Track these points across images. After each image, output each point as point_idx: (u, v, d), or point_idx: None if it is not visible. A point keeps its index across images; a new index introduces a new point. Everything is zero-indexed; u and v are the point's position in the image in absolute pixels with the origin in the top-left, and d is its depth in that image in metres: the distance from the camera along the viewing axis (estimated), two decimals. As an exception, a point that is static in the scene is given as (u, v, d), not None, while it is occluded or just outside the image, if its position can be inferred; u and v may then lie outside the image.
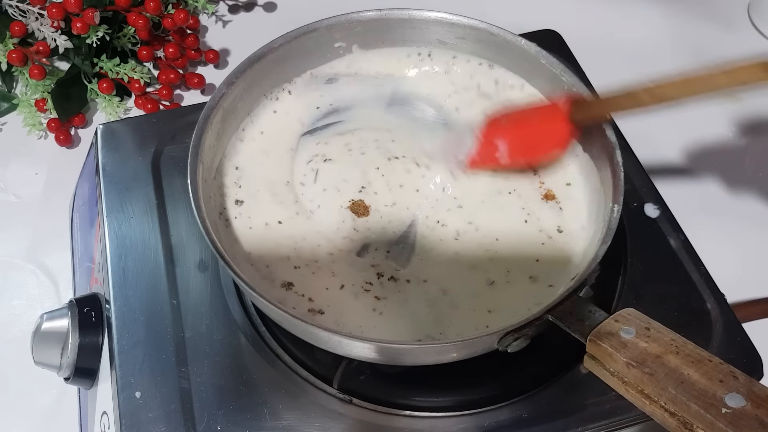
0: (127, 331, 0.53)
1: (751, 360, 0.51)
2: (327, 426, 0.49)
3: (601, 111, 0.50)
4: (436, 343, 0.46)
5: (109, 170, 0.62)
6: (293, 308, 0.49)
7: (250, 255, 0.51)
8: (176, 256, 0.57)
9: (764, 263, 0.71)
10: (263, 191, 0.55)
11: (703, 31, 0.89)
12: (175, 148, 0.63)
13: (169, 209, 0.59)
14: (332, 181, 0.55)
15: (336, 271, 0.51)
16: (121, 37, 0.83)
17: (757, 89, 0.43)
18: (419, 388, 0.52)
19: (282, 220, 0.53)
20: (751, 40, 0.89)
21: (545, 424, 0.50)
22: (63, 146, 0.80)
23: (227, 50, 0.88)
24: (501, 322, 0.48)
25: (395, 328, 0.48)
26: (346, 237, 0.53)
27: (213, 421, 0.49)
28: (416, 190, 0.55)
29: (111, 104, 0.81)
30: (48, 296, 0.70)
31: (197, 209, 0.47)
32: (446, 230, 0.53)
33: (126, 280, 0.55)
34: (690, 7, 0.92)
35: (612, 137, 0.50)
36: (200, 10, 0.89)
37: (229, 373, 0.51)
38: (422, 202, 0.54)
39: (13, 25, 0.77)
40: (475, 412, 0.50)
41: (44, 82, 0.80)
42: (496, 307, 0.49)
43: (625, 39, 0.89)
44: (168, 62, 0.83)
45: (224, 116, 0.54)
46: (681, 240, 0.57)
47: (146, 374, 0.51)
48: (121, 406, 0.50)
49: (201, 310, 0.54)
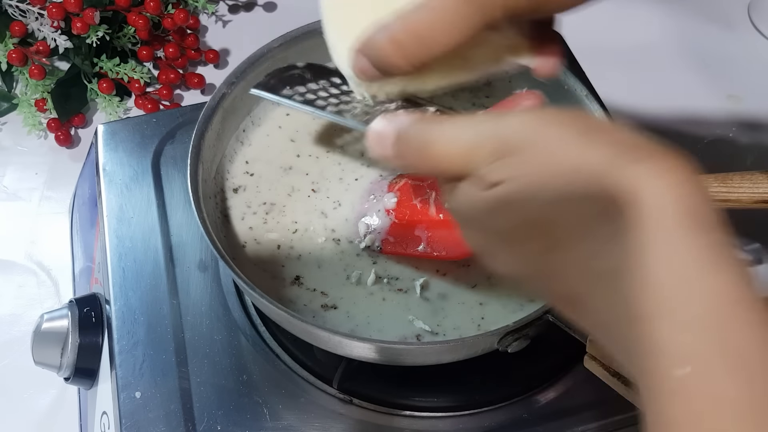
0: (127, 331, 0.53)
1: (751, 360, 0.51)
2: (327, 426, 0.49)
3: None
4: (436, 344, 0.46)
5: (109, 170, 0.62)
6: (304, 305, 0.49)
7: (252, 255, 0.51)
8: (176, 256, 0.57)
9: (764, 263, 0.70)
10: (264, 190, 0.55)
11: (704, 31, 0.89)
12: (175, 148, 0.63)
13: (169, 209, 0.59)
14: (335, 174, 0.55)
15: (344, 260, 0.51)
16: (121, 37, 0.83)
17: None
18: (419, 388, 0.52)
19: (283, 219, 0.53)
20: (751, 40, 0.89)
21: (545, 424, 0.50)
22: (63, 146, 0.80)
23: (227, 50, 0.88)
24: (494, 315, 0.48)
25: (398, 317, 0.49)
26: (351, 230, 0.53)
27: (213, 421, 0.49)
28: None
29: (111, 104, 0.81)
30: (48, 296, 0.70)
31: (197, 209, 0.47)
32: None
33: (126, 280, 0.55)
34: (690, 7, 0.92)
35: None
36: (200, 10, 0.89)
37: (229, 373, 0.51)
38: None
39: (13, 25, 0.77)
40: (475, 412, 0.50)
41: (44, 82, 0.80)
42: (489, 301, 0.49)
43: (625, 39, 0.89)
44: (168, 62, 0.83)
45: (224, 116, 0.54)
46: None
47: (146, 374, 0.51)
48: (121, 406, 0.50)
49: (201, 310, 0.54)
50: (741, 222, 0.26)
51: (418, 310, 0.49)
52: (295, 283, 0.50)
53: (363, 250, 0.52)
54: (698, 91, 0.84)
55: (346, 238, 0.52)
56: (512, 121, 0.30)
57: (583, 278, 0.28)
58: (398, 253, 0.51)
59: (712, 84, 0.84)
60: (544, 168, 0.28)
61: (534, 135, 0.29)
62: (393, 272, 0.51)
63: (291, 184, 0.55)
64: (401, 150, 0.33)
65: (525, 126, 0.29)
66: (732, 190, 0.51)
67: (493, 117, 0.31)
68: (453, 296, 0.50)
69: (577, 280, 0.29)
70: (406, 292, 0.50)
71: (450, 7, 0.33)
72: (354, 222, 0.53)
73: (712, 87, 0.84)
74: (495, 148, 0.29)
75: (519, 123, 0.30)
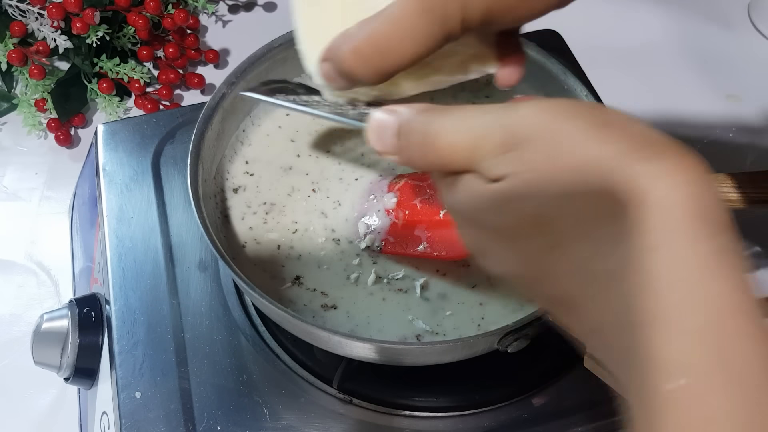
0: (127, 331, 0.53)
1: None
2: (327, 426, 0.49)
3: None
4: (436, 344, 0.46)
5: (109, 170, 0.62)
6: (304, 305, 0.49)
7: (252, 255, 0.51)
8: (176, 256, 0.57)
9: (764, 263, 0.71)
10: (264, 190, 0.55)
11: (704, 31, 0.89)
12: (175, 148, 0.63)
13: (169, 209, 0.59)
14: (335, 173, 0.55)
15: (344, 260, 0.51)
16: (121, 37, 0.83)
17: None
18: (419, 388, 0.52)
19: (283, 219, 0.53)
20: (752, 41, 0.89)
21: (545, 424, 0.50)
22: (63, 146, 0.80)
23: (227, 50, 0.88)
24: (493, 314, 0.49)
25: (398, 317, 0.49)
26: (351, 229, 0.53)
27: (213, 421, 0.49)
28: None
29: (111, 104, 0.81)
30: (48, 296, 0.70)
31: (197, 209, 0.47)
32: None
33: (126, 280, 0.55)
34: (690, 7, 0.92)
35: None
36: (200, 10, 0.89)
37: (229, 373, 0.51)
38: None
39: (13, 25, 0.77)
40: (475, 412, 0.50)
41: (44, 82, 0.80)
42: (489, 301, 0.49)
43: (625, 39, 0.89)
44: (168, 62, 0.83)
45: (224, 116, 0.54)
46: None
47: (146, 374, 0.51)
48: (121, 406, 0.50)
49: (201, 310, 0.54)
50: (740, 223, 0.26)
51: (418, 310, 0.49)
52: (295, 283, 0.50)
53: (363, 250, 0.52)
54: (698, 91, 0.84)
55: (346, 238, 0.52)
56: (522, 112, 0.28)
57: (580, 280, 0.28)
58: (398, 253, 0.51)
59: (712, 84, 0.84)
60: (551, 162, 0.27)
61: (543, 127, 0.27)
62: (393, 272, 0.51)
63: (291, 184, 0.55)
64: (403, 143, 0.32)
65: (534, 118, 0.28)
66: (732, 190, 0.51)
67: (501, 107, 0.29)
68: (453, 296, 0.50)
69: (573, 282, 0.28)
70: (406, 292, 0.50)
71: (410, 20, 0.32)
72: (354, 222, 0.53)
73: (712, 87, 0.84)
74: (502, 139, 0.28)
75: (528, 114, 0.28)
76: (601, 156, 0.26)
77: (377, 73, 0.33)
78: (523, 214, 0.29)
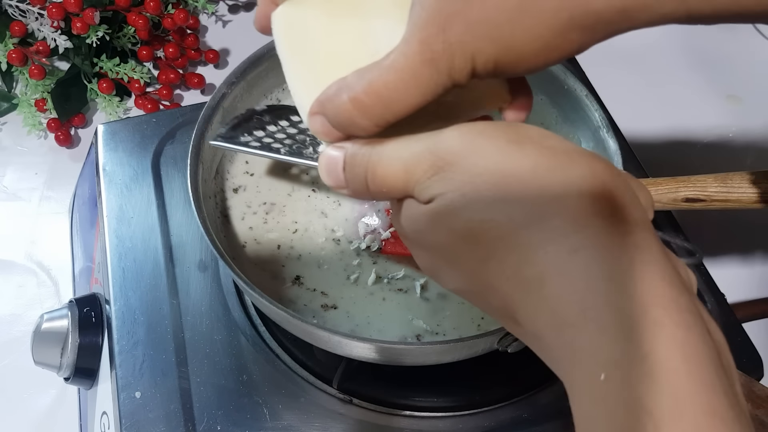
0: (127, 331, 0.53)
1: (751, 360, 0.51)
2: (327, 426, 0.49)
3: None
4: (436, 344, 0.46)
5: (109, 170, 0.62)
6: (304, 305, 0.49)
7: (252, 255, 0.51)
8: (176, 256, 0.57)
9: (764, 263, 0.71)
10: (264, 190, 0.55)
11: (704, 32, 0.89)
12: (175, 148, 0.63)
13: (169, 209, 0.59)
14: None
15: (344, 260, 0.51)
16: (121, 37, 0.83)
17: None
18: (419, 388, 0.52)
19: (283, 219, 0.53)
20: (751, 40, 0.89)
21: (545, 424, 0.50)
22: (63, 146, 0.80)
23: (227, 50, 0.88)
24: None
25: (398, 317, 0.49)
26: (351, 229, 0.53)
27: (213, 421, 0.49)
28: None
29: (111, 104, 0.81)
30: (48, 296, 0.70)
31: (197, 209, 0.47)
32: None
33: (126, 280, 0.55)
34: (690, 7, 0.92)
35: (613, 145, 0.50)
36: (200, 10, 0.89)
37: (229, 373, 0.51)
38: None
39: (13, 25, 0.77)
40: (475, 412, 0.50)
41: (44, 82, 0.80)
42: None
43: (625, 38, 0.88)
44: (168, 62, 0.83)
45: (224, 116, 0.54)
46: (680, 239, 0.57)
47: (146, 374, 0.51)
48: (121, 406, 0.50)
49: (201, 310, 0.54)
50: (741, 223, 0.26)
51: (418, 310, 0.49)
52: (295, 283, 0.50)
53: (363, 250, 0.52)
54: (698, 91, 0.84)
55: (346, 238, 0.52)
56: (445, 135, 0.31)
57: (516, 288, 0.29)
58: (398, 253, 0.51)
59: (712, 84, 0.84)
60: (473, 181, 0.29)
61: (465, 148, 0.30)
62: (393, 272, 0.51)
63: (291, 184, 0.55)
64: (349, 176, 0.33)
65: (456, 140, 0.30)
66: (732, 190, 0.51)
67: (431, 134, 0.31)
68: (453, 296, 0.50)
69: (510, 290, 0.29)
70: (406, 292, 0.50)
71: (415, 70, 0.31)
72: (354, 222, 0.53)
73: (712, 87, 0.84)
74: (430, 164, 0.30)
75: (451, 137, 0.30)
76: (516, 171, 0.29)
77: (377, 124, 0.33)
78: (455, 231, 0.30)
